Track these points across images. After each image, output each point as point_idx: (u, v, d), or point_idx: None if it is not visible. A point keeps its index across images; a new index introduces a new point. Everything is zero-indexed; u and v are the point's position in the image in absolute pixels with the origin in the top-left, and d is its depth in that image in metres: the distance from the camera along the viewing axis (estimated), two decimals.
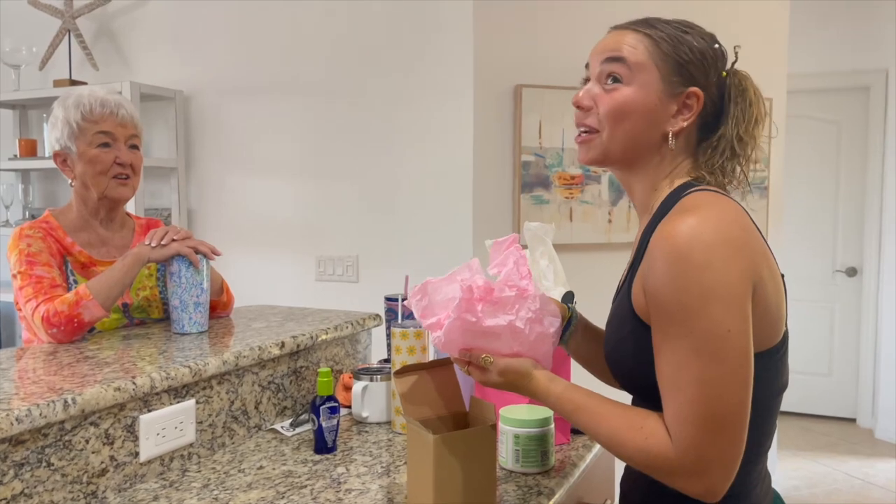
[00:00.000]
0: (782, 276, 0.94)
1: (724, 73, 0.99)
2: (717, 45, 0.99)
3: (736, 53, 1.02)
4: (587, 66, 1.03)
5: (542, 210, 2.74)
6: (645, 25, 0.98)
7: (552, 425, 1.22)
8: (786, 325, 0.93)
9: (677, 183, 0.99)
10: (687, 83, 0.97)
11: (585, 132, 1.00)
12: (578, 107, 1.00)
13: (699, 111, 0.97)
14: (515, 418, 1.21)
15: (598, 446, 1.38)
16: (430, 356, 1.51)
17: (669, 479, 0.86)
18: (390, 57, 2.74)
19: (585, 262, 2.76)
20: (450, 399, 1.11)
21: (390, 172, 2.77)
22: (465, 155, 2.67)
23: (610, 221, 2.85)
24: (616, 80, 0.97)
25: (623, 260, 1.06)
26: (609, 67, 0.97)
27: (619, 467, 1.41)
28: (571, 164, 2.78)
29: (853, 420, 4.54)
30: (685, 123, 0.97)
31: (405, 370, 1.09)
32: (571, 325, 1.14)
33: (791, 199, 3.08)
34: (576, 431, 1.40)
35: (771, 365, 0.92)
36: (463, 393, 1.25)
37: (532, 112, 2.72)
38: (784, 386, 0.96)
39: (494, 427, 1.05)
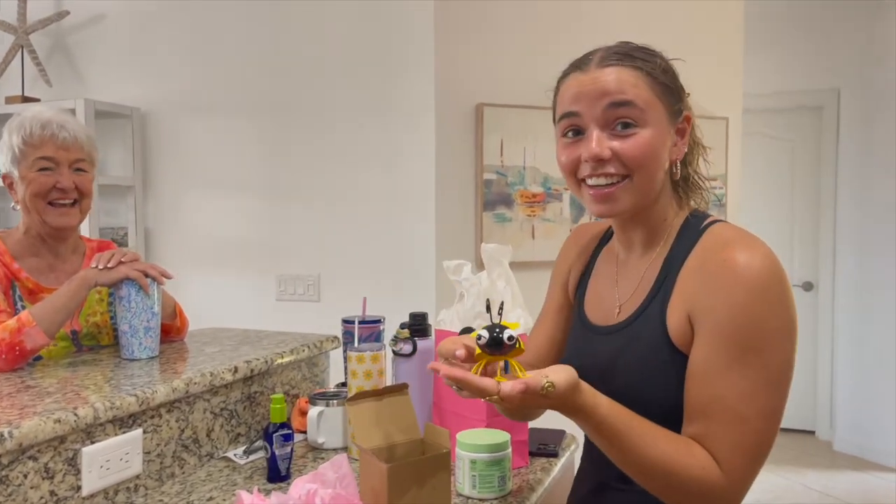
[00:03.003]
0: None
1: (688, 94, 0.99)
2: None
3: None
4: (561, 110, 0.97)
5: (505, 228, 2.75)
6: (628, 58, 0.93)
7: (509, 449, 1.21)
8: None
9: (683, 213, 0.99)
10: (682, 108, 0.97)
11: (611, 183, 0.93)
12: (598, 160, 0.92)
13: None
14: (472, 443, 1.19)
15: (557, 469, 1.37)
16: (388, 381, 1.49)
17: None
18: (350, 74, 2.72)
19: (548, 280, 2.76)
20: (405, 426, 1.09)
21: (352, 190, 2.75)
22: (427, 173, 2.66)
23: None
24: (628, 125, 0.91)
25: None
26: (618, 113, 0.91)
27: None
28: (533, 181, 2.79)
29: (812, 432, 4.61)
30: (685, 148, 0.98)
31: (359, 397, 1.07)
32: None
33: (747, 216, 3.15)
34: (538, 454, 1.39)
35: None
36: (419, 419, 1.23)
37: (494, 131, 2.72)
38: None
39: (449, 454, 1.04)
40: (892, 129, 4.10)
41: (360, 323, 1.50)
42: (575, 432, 1.46)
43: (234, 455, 1.40)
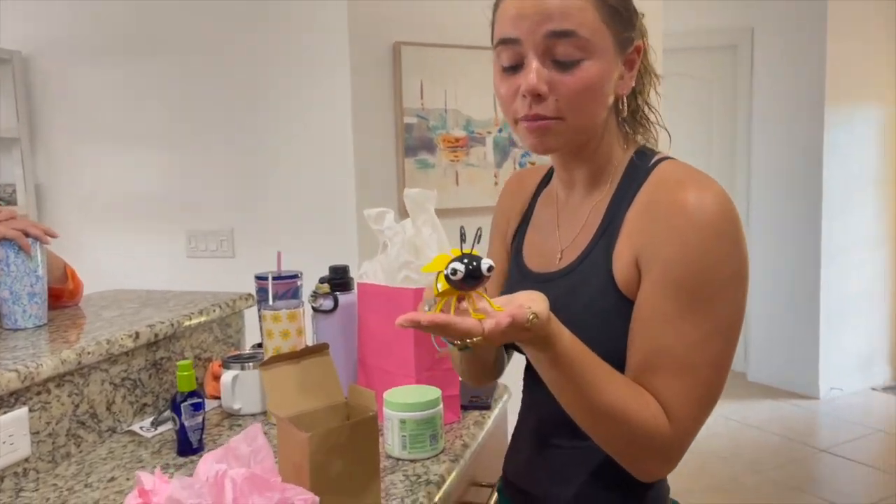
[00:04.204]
0: None
1: (642, 15, 0.89)
2: None
3: None
4: (499, 33, 0.85)
5: (428, 174, 2.64)
6: None
7: (440, 405, 1.13)
8: None
9: (631, 150, 0.91)
10: (632, 37, 0.86)
11: (543, 121, 0.83)
12: (535, 95, 0.81)
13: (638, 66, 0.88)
14: (401, 402, 1.11)
15: (490, 422, 1.31)
16: (309, 340, 1.39)
17: (647, 462, 0.80)
18: (256, 12, 2.52)
19: (472, 226, 2.69)
20: (327, 389, 1.00)
21: (264, 138, 2.57)
22: (344, 118, 2.51)
23: (496, 184, 2.79)
24: (569, 59, 0.81)
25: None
26: (559, 45, 0.80)
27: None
28: (455, 125, 2.69)
29: None
30: (633, 82, 0.88)
31: (274, 361, 0.97)
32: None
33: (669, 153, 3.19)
34: (471, 407, 1.33)
35: None
36: (343, 379, 1.14)
37: (413, 72, 2.59)
38: None
39: (376, 417, 0.95)
40: (804, 68, 4.17)
41: (274, 279, 1.39)
42: (506, 382, 1.41)
43: (141, 428, 1.27)
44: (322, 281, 1.40)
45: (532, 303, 0.71)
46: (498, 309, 0.71)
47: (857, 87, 4.16)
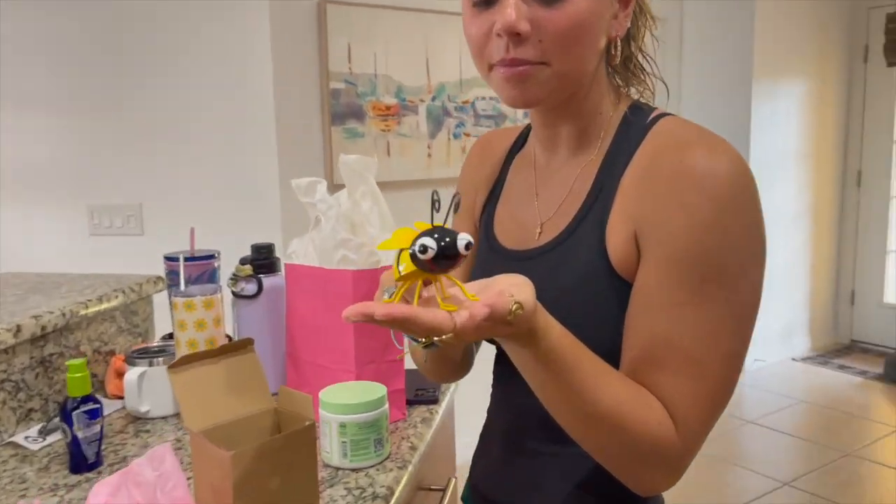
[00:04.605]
0: None
1: None
2: None
3: None
4: None
5: (357, 144, 2.46)
6: None
7: (386, 405, 0.99)
8: None
9: (622, 105, 0.77)
10: None
11: (523, 66, 0.69)
12: (513, 34, 0.67)
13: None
14: (340, 403, 0.95)
15: (438, 418, 1.17)
16: (229, 330, 1.21)
17: (648, 474, 0.67)
18: None
19: (405, 202, 2.52)
20: (252, 394, 0.83)
21: (176, 103, 2.33)
22: (264, 83, 2.30)
23: (429, 156, 2.64)
24: None
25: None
26: None
27: (460, 443, 1.20)
28: (386, 92, 2.51)
29: None
30: (628, 22, 0.74)
31: (185, 361, 0.80)
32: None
33: None
34: (416, 401, 1.18)
35: None
36: (271, 377, 0.97)
37: (340, 33, 2.39)
38: None
39: (313, 426, 0.80)
40: (730, 42, 4.17)
41: (187, 259, 1.20)
42: None
43: (26, 439, 1.07)
44: (243, 262, 1.22)
45: (515, 289, 0.57)
46: (471, 298, 0.56)
47: (783, 62, 4.20)
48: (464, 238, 0.55)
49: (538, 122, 0.80)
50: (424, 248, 0.55)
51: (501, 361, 0.85)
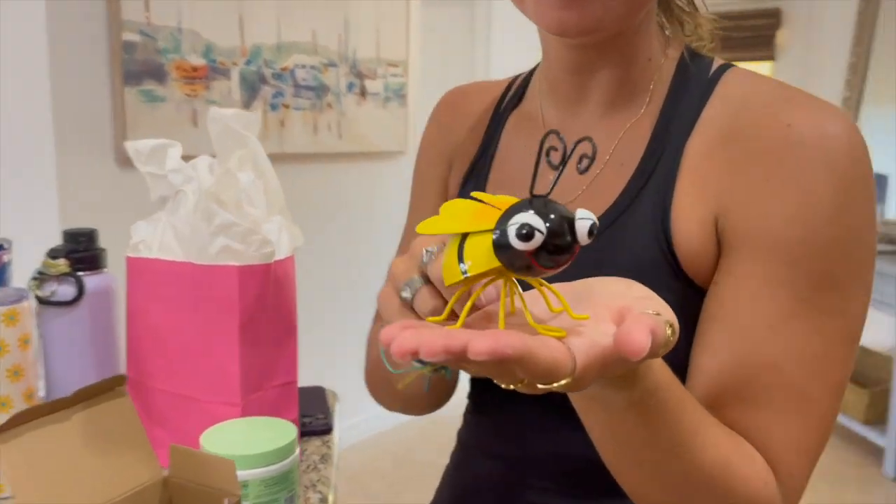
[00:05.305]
0: None
1: None
2: None
3: None
4: None
5: (156, 110, 2.06)
6: None
7: (297, 450, 0.72)
8: None
9: (672, 51, 0.59)
10: None
11: None
12: None
13: None
14: (238, 452, 0.67)
15: (336, 451, 0.92)
16: (35, 352, 0.85)
17: None
18: None
19: None
20: (125, 459, 0.54)
21: None
22: (34, 30, 1.82)
23: None
24: None
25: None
26: None
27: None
28: (192, 50, 2.12)
29: None
30: None
31: (20, 421, 0.48)
32: None
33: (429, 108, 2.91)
34: (308, 432, 0.91)
35: None
36: (151, 439, 0.67)
37: None
38: None
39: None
40: None
41: None
42: (326, 383, 1.04)
43: None
44: (53, 255, 0.87)
45: (646, 302, 0.37)
46: (577, 318, 0.35)
47: None
48: (586, 218, 0.34)
49: (569, 64, 0.59)
50: (530, 232, 0.32)
51: (493, 387, 0.64)
